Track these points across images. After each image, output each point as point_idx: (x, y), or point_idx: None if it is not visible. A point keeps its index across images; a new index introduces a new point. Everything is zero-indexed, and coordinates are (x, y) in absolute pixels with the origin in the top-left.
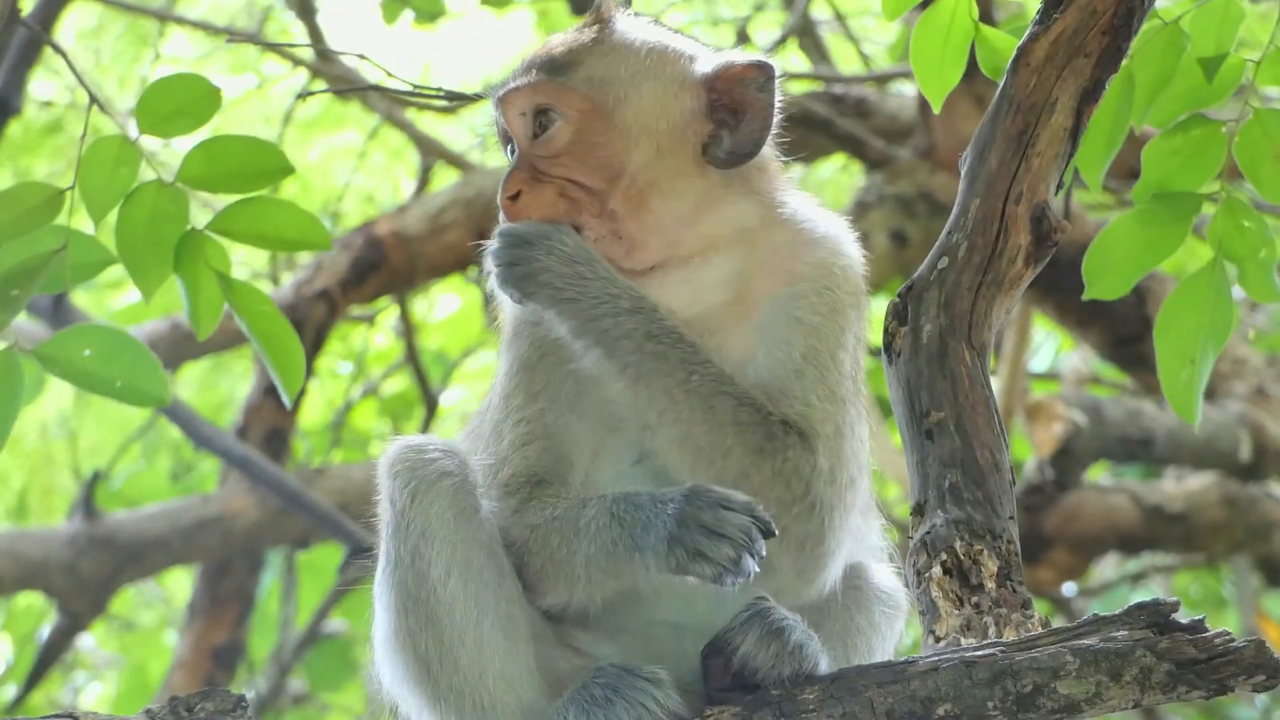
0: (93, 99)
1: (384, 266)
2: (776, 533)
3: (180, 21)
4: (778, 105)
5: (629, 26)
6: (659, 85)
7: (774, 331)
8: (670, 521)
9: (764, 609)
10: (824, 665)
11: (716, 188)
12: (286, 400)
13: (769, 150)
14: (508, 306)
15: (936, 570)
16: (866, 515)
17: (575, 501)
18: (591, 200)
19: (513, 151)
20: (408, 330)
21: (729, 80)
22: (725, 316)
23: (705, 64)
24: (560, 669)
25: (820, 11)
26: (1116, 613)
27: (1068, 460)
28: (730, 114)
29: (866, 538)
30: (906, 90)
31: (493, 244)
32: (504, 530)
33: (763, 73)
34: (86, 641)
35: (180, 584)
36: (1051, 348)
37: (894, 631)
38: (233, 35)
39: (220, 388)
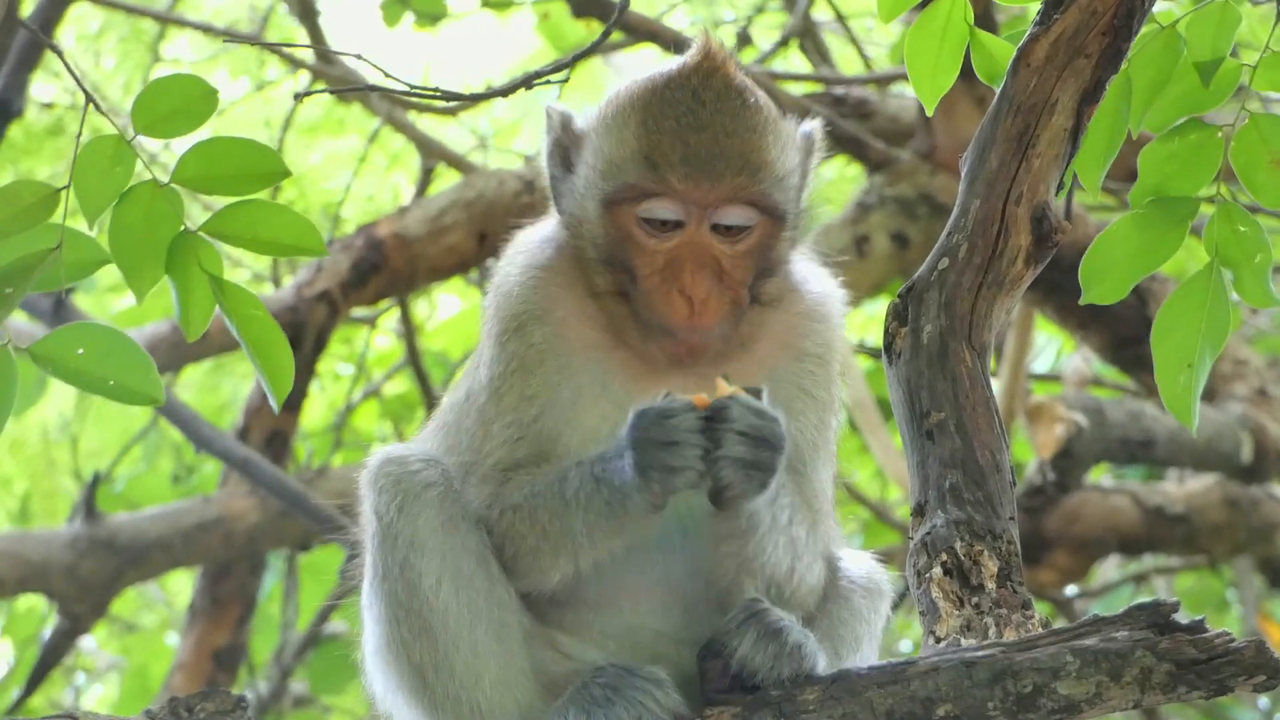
0: (89, 98)
1: (385, 268)
2: (735, 417)
3: (181, 24)
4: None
5: (753, 87)
6: (799, 170)
7: (788, 402)
8: (629, 454)
9: (760, 610)
10: (822, 665)
11: None
12: (274, 405)
13: None
14: (501, 301)
15: (937, 571)
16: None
17: (553, 475)
18: (742, 294)
19: (665, 227)
20: (409, 332)
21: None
22: (736, 372)
23: (796, 132)
24: (554, 672)
25: (821, 13)
26: (1117, 613)
27: (1069, 462)
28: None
29: (834, 531)
30: (907, 92)
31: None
32: (484, 518)
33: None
34: (88, 643)
35: (181, 586)
36: (1054, 350)
37: (879, 615)
38: (232, 37)
39: (222, 390)
